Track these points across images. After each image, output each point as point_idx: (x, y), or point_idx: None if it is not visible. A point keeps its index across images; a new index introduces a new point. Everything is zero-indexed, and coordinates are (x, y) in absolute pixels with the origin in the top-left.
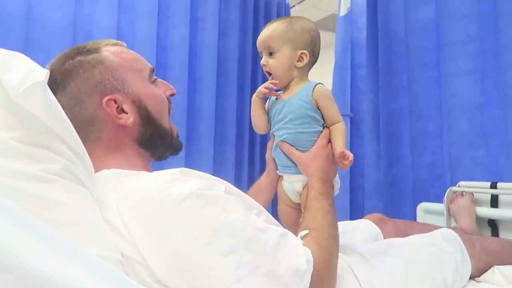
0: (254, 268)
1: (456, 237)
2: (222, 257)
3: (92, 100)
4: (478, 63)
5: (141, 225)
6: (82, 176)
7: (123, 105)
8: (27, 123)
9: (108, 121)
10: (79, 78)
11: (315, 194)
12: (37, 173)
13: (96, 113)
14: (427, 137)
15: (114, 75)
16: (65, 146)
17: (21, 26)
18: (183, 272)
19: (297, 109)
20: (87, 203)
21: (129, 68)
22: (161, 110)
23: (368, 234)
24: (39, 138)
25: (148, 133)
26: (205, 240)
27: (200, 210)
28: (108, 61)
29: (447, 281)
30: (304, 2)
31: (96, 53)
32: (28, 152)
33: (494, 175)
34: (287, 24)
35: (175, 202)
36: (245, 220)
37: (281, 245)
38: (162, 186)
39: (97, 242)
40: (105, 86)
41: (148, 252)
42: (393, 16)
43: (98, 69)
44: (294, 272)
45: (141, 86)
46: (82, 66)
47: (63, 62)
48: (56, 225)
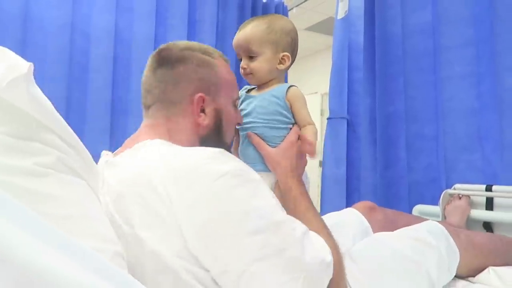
0: (279, 250)
1: (442, 229)
2: (250, 235)
3: (187, 88)
4: (474, 67)
5: (180, 192)
6: (78, 167)
7: (207, 107)
8: (15, 117)
9: (188, 112)
10: (189, 66)
11: (295, 195)
12: (31, 167)
13: (184, 100)
14: (423, 140)
15: (215, 82)
16: (57, 137)
17: (18, 25)
18: (209, 242)
19: (269, 105)
20: (83, 195)
21: (226, 85)
22: (230, 129)
23: (356, 228)
24: (29, 131)
25: (213, 138)
26: (236, 217)
27: (235, 188)
28: (217, 69)
29: (431, 275)
30: (301, 5)
31: (212, 58)
32: (19, 146)
33: (488, 178)
34: (267, 25)
35: (212, 176)
36: (275, 205)
37: (307, 236)
38: (203, 160)
39: (94, 235)
40: (204, 84)
41: (183, 217)
42: (390, 20)
43: (207, 69)
44: (320, 262)
45: (226, 101)
46: (197, 59)
47: (183, 48)
48: (52, 219)
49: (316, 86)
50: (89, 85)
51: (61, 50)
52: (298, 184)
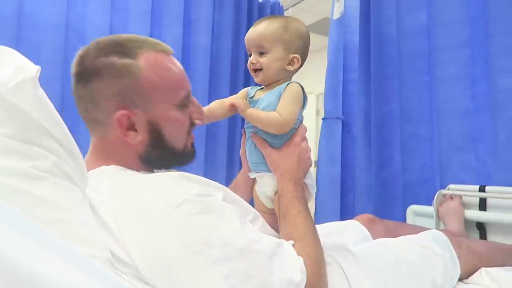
0: (246, 278)
1: (445, 239)
2: (213, 266)
3: (107, 106)
4: (468, 68)
5: (132, 225)
6: (72, 174)
7: (136, 122)
8: (18, 119)
9: (116, 130)
10: (104, 82)
11: (290, 198)
12: (27, 170)
13: (107, 119)
14: (418, 140)
15: (139, 91)
16: (56, 143)
17: (12, 24)
18: (171, 278)
19: (268, 106)
20: (77, 201)
21: (160, 87)
22: (177, 134)
23: (357, 236)
24: (29, 135)
25: (155, 153)
26: (197, 248)
27: (194, 217)
28: (139, 74)
29: (436, 282)
30: (297, 5)
31: (132, 58)
32: (18, 149)
33: (482, 179)
34: (282, 25)
35: (169, 207)
36: (239, 229)
37: (276, 255)
38: (158, 190)
39: (86, 241)
40: (125, 98)
41: (137, 254)
42: (385, 21)
43: (126, 79)
44: (288, 283)
45: (164, 108)
46: (111, 70)
47: (96, 56)
48: (46, 223)
49: (311, 86)
50: None
51: (55, 49)
52: (295, 187)
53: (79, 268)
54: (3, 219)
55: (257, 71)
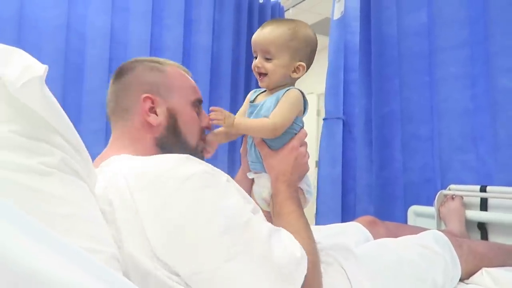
0: (248, 249)
1: (446, 240)
2: (218, 235)
3: (135, 93)
4: (468, 68)
5: (146, 198)
6: (79, 169)
7: (157, 107)
8: (26, 117)
9: (139, 114)
10: (135, 72)
11: (282, 199)
12: (36, 166)
13: (134, 104)
14: (418, 141)
15: (165, 83)
16: (63, 139)
17: (13, 25)
18: (179, 246)
19: (266, 111)
20: (83, 196)
21: (180, 85)
22: (190, 129)
23: (358, 237)
24: (37, 132)
25: (171, 139)
26: (203, 217)
27: (202, 190)
28: (166, 73)
29: (437, 283)
30: (298, 6)
31: (161, 65)
32: (27, 145)
33: (483, 179)
34: (292, 31)
35: (179, 179)
36: (242, 206)
37: (274, 236)
38: (168, 165)
39: (92, 236)
40: (152, 87)
41: (149, 224)
42: (386, 21)
43: (155, 73)
44: (288, 258)
45: (182, 102)
46: (144, 66)
47: (134, 61)
48: (52, 218)
49: (312, 87)
50: (85, 85)
51: (56, 51)
52: (287, 189)
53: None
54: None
55: (262, 76)
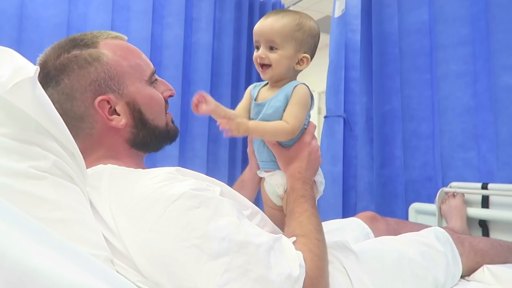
0: (244, 271)
1: (447, 237)
2: (211, 260)
3: (84, 98)
4: (469, 66)
5: (131, 221)
6: (72, 173)
7: (116, 106)
8: (17, 120)
9: (99, 120)
10: (74, 75)
11: (296, 197)
12: (27, 170)
13: (88, 111)
14: (419, 138)
15: (110, 74)
16: (55, 142)
17: (14, 24)
18: (169, 272)
19: (275, 111)
20: (77, 200)
21: (128, 67)
22: (156, 111)
23: (359, 233)
24: (29, 135)
25: (142, 134)
26: (194, 241)
27: (192, 211)
28: (105, 58)
29: (438, 280)
30: (299, 3)
31: (94, 47)
32: (18, 149)
33: (484, 177)
34: (297, 22)
35: (167, 201)
36: (237, 223)
37: (274, 250)
38: (156, 185)
39: (86, 240)
40: (100, 85)
41: (135, 248)
42: (387, 19)
43: (94, 67)
44: (286, 277)
45: (137, 87)
46: (77, 62)
47: (58, 55)
48: (46, 223)
49: (313, 85)
50: None
51: None
52: (302, 186)
53: (80, 266)
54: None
55: (264, 67)
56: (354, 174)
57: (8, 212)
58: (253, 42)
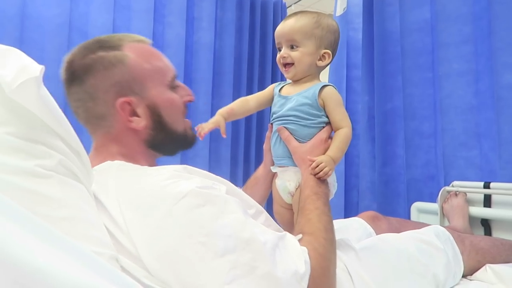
0: (250, 268)
1: (448, 235)
2: (217, 257)
3: (107, 98)
4: (472, 64)
5: (138, 219)
6: (78, 171)
7: (137, 108)
8: (23, 119)
9: (119, 120)
10: (98, 75)
11: (309, 193)
12: (33, 169)
13: (109, 111)
14: (421, 137)
15: (133, 76)
16: (60, 141)
17: (16, 24)
18: (175, 269)
19: (301, 107)
20: (82, 199)
21: (150, 70)
22: (175, 116)
23: (361, 233)
24: (34, 133)
25: (160, 137)
26: (201, 239)
27: (198, 208)
28: (129, 61)
29: (438, 278)
30: (300, 2)
31: (118, 50)
32: (24, 147)
33: (486, 175)
34: (315, 20)
35: (174, 199)
36: (243, 221)
37: (279, 248)
38: (162, 183)
39: (91, 238)
40: (123, 86)
41: (142, 245)
42: (388, 17)
43: (118, 68)
44: (292, 274)
45: (158, 90)
46: (102, 62)
47: (84, 55)
48: (51, 221)
49: None
50: None
51: (59, 49)
52: (316, 183)
53: (85, 265)
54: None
55: (287, 66)
56: (356, 173)
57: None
58: (275, 45)
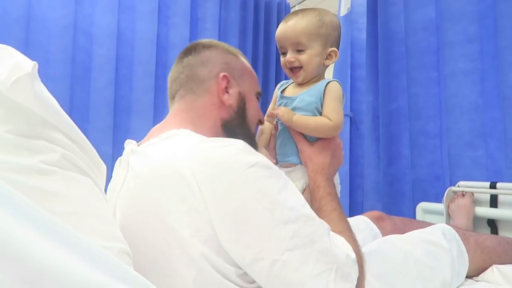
0: (310, 241)
1: (454, 233)
2: (280, 224)
3: (213, 68)
4: (477, 63)
5: (210, 180)
6: (83, 165)
7: (230, 88)
8: (21, 116)
9: (213, 91)
10: (214, 51)
11: (323, 194)
12: (37, 165)
13: (209, 80)
14: (427, 137)
15: (238, 68)
16: (62, 135)
17: (21, 25)
18: (240, 232)
19: (307, 106)
20: (88, 193)
21: (250, 75)
22: (253, 116)
23: (367, 234)
24: (34, 129)
25: (236, 121)
26: (266, 205)
27: (266, 178)
28: (241, 59)
29: (445, 280)
30: (304, 3)
31: (234, 50)
32: (25, 145)
33: (492, 175)
34: (318, 18)
35: (244, 165)
36: (304, 201)
37: (331, 234)
38: (234, 151)
39: (99, 232)
40: (229, 67)
41: (213, 205)
42: (393, 17)
43: (230, 56)
44: (346, 256)
45: (250, 91)
46: (220, 47)
47: (209, 41)
48: (56, 216)
49: None
50: (92, 84)
51: (64, 50)
52: (327, 183)
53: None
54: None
55: (295, 70)
56: (360, 173)
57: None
58: (278, 48)
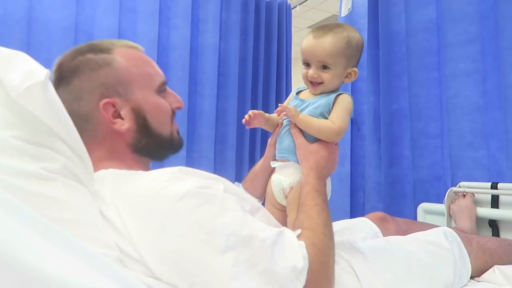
0: (251, 265)
1: (455, 236)
2: (219, 254)
3: (91, 99)
4: (478, 64)
5: (139, 224)
6: (81, 175)
7: (121, 110)
8: (28, 122)
9: (103, 122)
10: (84, 76)
11: (310, 190)
12: (38, 171)
13: (93, 112)
14: (428, 138)
15: (119, 79)
16: (65, 145)
17: (22, 27)
18: (180, 270)
19: (315, 110)
20: (86, 201)
21: (137, 74)
22: (161, 120)
23: (367, 233)
24: (39, 137)
25: (145, 140)
26: (202, 238)
27: (198, 208)
28: (116, 64)
29: (447, 280)
30: (305, 3)
31: (108, 53)
32: (29, 151)
33: (494, 176)
34: (346, 40)
35: (172, 201)
36: (242, 219)
37: (278, 244)
38: (159, 185)
39: (96, 240)
40: (107, 88)
41: (146, 250)
42: (394, 18)
43: (104, 70)
44: (291, 270)
45: (145, 94)
46: (89, 64)
47: (73, 57)
48: (55, 223)
49: None
50: None
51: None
52: (317, 181)
53: (90, 266)
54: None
55: (315, 84)
56: (362, 174)
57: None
58: (302, 60)
